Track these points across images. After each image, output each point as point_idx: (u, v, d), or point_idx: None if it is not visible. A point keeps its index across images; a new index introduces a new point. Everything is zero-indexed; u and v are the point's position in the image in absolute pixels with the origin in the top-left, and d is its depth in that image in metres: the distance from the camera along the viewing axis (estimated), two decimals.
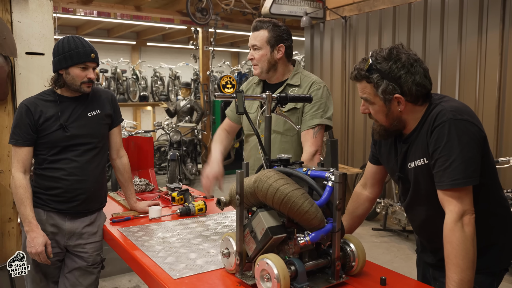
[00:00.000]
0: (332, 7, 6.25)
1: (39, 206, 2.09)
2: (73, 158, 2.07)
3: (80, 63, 2.01)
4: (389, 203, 4.97)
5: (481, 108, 4.58)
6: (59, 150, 2.05)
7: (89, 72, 2.05)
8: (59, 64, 2.03)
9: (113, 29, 11.20)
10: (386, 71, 1.46)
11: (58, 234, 2.11)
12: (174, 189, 2.62)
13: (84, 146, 2.10)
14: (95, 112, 2.14)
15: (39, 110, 2.03)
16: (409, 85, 1.46)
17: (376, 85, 1.48)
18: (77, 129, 2.08)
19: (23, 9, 2.99)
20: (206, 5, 7.17)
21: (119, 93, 11.00)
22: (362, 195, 1.84)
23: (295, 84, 2.16)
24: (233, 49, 14.30)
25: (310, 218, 1.36)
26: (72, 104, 2.10)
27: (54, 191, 2.07)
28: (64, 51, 2.01)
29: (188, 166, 7.54)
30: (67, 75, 2.03)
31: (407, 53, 1.48)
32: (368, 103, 1.55)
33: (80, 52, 2.02)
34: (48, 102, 2.07)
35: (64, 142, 2.05)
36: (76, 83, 2.04)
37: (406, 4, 5.27)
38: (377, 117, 1.57)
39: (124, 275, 3.84)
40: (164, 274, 1.55)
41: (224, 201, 1.56)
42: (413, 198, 1.62)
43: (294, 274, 1.36)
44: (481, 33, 4.54)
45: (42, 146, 2.06)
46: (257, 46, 2.13)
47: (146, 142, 2.91)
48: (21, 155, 2.03)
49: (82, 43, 2.04)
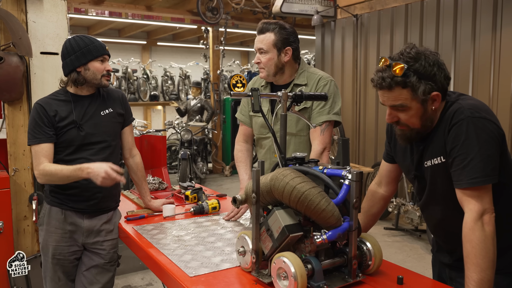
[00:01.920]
0: (343, 6, 6.22)
1: (57, 205, 2.10)
2: (88, 157, 2.06)
3: (99, 56, 2.04)
4: (401, 202, 4.94)
5: (495, 107, 4.53)
6: (74, 150, 2.06)
7: (106, 64, 2.08)
8: (78, 61, 2.03)
9: (124, 29, 11.28)
10: (422, 71, 1.40)
11: (77, 232, 2.12)
12: (187, 188, 2.63)
13: (99, 145, 2.10)
14: (108, 110, 2.15)
15: (53, 109, 2.04)
16: (442, 80, 1.43)
17: (415, 88, 1.40)
18: (91, 128, 2.09)
19: (38, 9, 3.02)
20: (216, 5, 7.18)
21: (129, 93, 11.08)
22: (377, 193, 1.82)
23: (302, 83, 2.12)
24: (243, 48, 14.32)
25: (327, 216, 1.35)
26: (85, 103, 2.10)
27: (72, 190, 2.07)
28: (80, 47, 2.02)
29: (199, 165, 7.57)
30: (87, 71, 2.04)
31: (425, 49, 1.45)
32: (401, 109, 1.46)
33: (97, 46, 2.05)
34: (62, 101, 2.08)
35: (79, 141, 2.06)
36: (97, 77, 2.06)
37: (419, 1, 5.22)
38: (410, 121, 1.47)
39: (137, 273, 3.87)
40: (180, 272, 1.56)
41: (240, 199, 1.56)
42: (429, 197, 1.59)
43: (311, 273, 1.36)
44: (495, 30, 4.48)
45: (57, 146, 2.06)
46: (263, 50, 2.06)
47: (159, 140, 2.92)
48: (44, 149, 2.00)
49: (91, 38, 2.07)
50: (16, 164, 3.04)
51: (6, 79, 2.87)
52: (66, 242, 2.10)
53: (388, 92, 1.44)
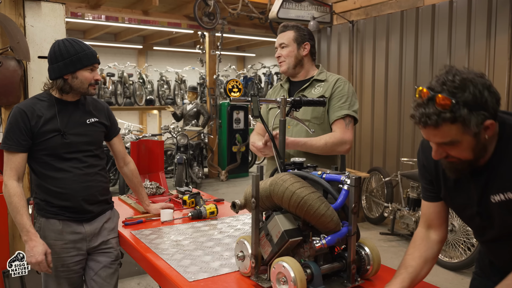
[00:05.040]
0: (339, 12, 6.27)
1: (53, 217, 1.99)
2: (74, 166, 1.98)
3: (89, 65, 1.95)
4: (397, 207, 4.96)
5: None
6: (58, 159, 1.95)
7: (95, 73, 2.00)
8: (66, 69, 1.92)
9: (120, 33, 11.28)
10: (472, 101, 1.18)
11: (79, 241, 2.03)
12: (185, 193, 2.64)
13: (83, 153, 2.01)
14: (93, 119, 2.07)
15: (36, 115, 1.91)
16: (494, 104, 1.22)
17: (466, 122, 1.18)
18: (76, 137, 1.99)
19: (36, 13, 3.03)
20: (213, 10, 7.20)
21: (125, 97, 11.07)
22: (429, 239, 1.50)
23: (322, 79, 2.27)
24: (239, 53, 14.36)
25: (327, 221, 1.36)
26: (69, 109, 2.01)
27: (64, 202, 1.97)
28: (70, 54, 1.92)
29: (195, 169, 7.56)
30: (74, 79, 1.94)
31: (469, 72, 1.23)
32: (451, 145, 1.25)
33: (88, 54, 1.95)
34: (45, 106, 1.96)
35: (63, 149, 1.95)
36: (84, 86, 1.97)
37: (414, 8, 5.27)
38: (462, 155, 1.27)
39: (133, 278, 3.85)
40: (179, 277, 1.56)
41: (240, 204, 1.57)
42: (500, 234, 1.37)
43: (310, 277, 1.37)
44: (490, 37, 4.53)
45: (39, 154, 1.94)
46: (284, 44, 2.26)
47: (157, 145, 2.93)
48: (14, 162, 1.90)
49: (84, 45, 1.98)
50: None
51: (3, 83, 2.87)
52: (68, 253, 2.01)
53: (434, 130, 1.23)
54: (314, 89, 2.25)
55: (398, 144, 5.56)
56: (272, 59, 13.56)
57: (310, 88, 2.26)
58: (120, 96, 10.88)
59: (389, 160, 5.68)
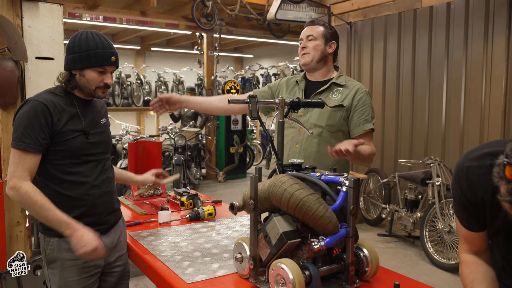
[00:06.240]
0: (337, 13, 6.28)
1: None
2: (93, 170, 1.82)
3: (98, 66, 1.76)
4: (394, 208, 4.96)
5: (487, 115, 4.58)
6: (78, 161, 1.77)
7: (106, 76, 1.80)
8: (73, 64, 1.76)
9: (118, 34, 11.27)
10: None
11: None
12: (183, 194, 2.63)
13: (102, 156, 1.88)
14: (104, 119, 1.95)
15: (58, 111, 1.72)
16: None
17: None
18: (97, 137, 1.85)
19: (34, 14, 3.02)
20: (211, 11, 7.20)
21: (123, 98, 11.05)
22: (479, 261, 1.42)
23: (341, 83, 2.24)
24: (236, 54, 14.37)
25: (325, 223, 1.36)
26: (88, 107, 1.86)
27: (80, 209, 1.77)
28: (81, 49, 1.74)
29: (193, 170, 7.56)
30: (81, 77, 1.77)
31: None
32: None
33: (100, 54, 1.75)
34: (64, 102, 1.77)
35: (86, 150, 1.79)
36: (90, 87, 1.78)
37: (412, 10, 5.29)
38: None
39: (130, 280, 3.83)
40: (177, 279, 1.55)
41: (238, 206, 1.56)
42: None
43: (309, 279, 1.36)
44: (487, 39, 4.55)
45: (57, 155, 1.74)
46: (313, 37, 2.24)
47: (155, 146, 2.92)
48: (29, 162, 1.67)
49: (103, 43, 1.77)
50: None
51: (0, 83, 2.85)
52: (89, 272, 1.81)
53: None
54: (332, 94, 2.21)
55: (395, 145, 5.57)
56: (269, 60, 13.57)
57: (328, 92, 2.22)
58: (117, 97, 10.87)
59: (387, 161, 5.69)
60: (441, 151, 5.03)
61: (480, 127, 4.64)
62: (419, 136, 5.29)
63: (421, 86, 5.24)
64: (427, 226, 4.40)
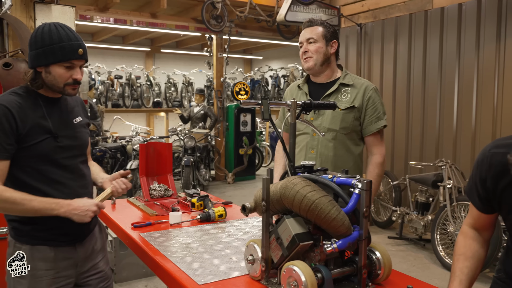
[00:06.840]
0: (347, 15, 6.26)
1: (42, 243, 1.67)
2: (68, 177, 1.70)
3: (65, 61, 1.60)
4: (405, 211, 4.93)
5: (499, 117, 4.53)
6: (48, 167, 1.65)
7: (75, 71, 1.63)
8: (37, 60, 1.60)
9: (128, 36, 11.35)
10: None
11: (69, 267, 1.74)
12: (193, 195, 2.63)
13: (76, 159, 1.75)
14: (78, 119, 1.79)
15: (22, 113, 1.59)
16: None
17: None
18: (69, 139, 1.71)
19: (47, 16, 3.05)
20: (221, 13, 7.22)
21: (133, 99, 11.14)
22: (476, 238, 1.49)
23: (348, 83, 2.22)
24: (246, 55, 14.39)
25: (338, 225, 1.36)
26: (56, 107, 1.71)
27: (58, 223, 1.66)
28: (44, 44, 1.58)
29: (202, 172, 7.58)
30: (47, 74, 1.62)
31: None
32: None
33: (65, 47, 1.59)
34: (30, 103, 1.64)
35: (56, 154, 1.66)
36: (58, 85, 1.63)
37: (423, 11, 5.25)
38: None
39: (140, 280, 3.85)
40: (189, 280, 1.55)
41: (250, 208, 1.56)
42: None
43: (321, 282, 1.36)
44: (499, 40, 4.50)
45: (26, 161, 1.62)
46: (313, 39, 2.18)
47: (165, 147, 2.93)
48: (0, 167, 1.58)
49: (68, 35, 1.61)
50: None
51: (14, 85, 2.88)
52: (62, 281, 1.71)
53: None
54: (341, 95, 2.19)
55: (406, 147, 5.53)
56: (279, 61, 13.56)
57: (337, 94, 2.20)
58: (127, 98, 10.96)
59: (397, 163, 5.65)
60: (453, 153, 4.98)
61: (492, 129, 4.59)
62: (430, 138, 5.25)
63: (432, 88, 5.20)
64: (438, 229, 4.36)
